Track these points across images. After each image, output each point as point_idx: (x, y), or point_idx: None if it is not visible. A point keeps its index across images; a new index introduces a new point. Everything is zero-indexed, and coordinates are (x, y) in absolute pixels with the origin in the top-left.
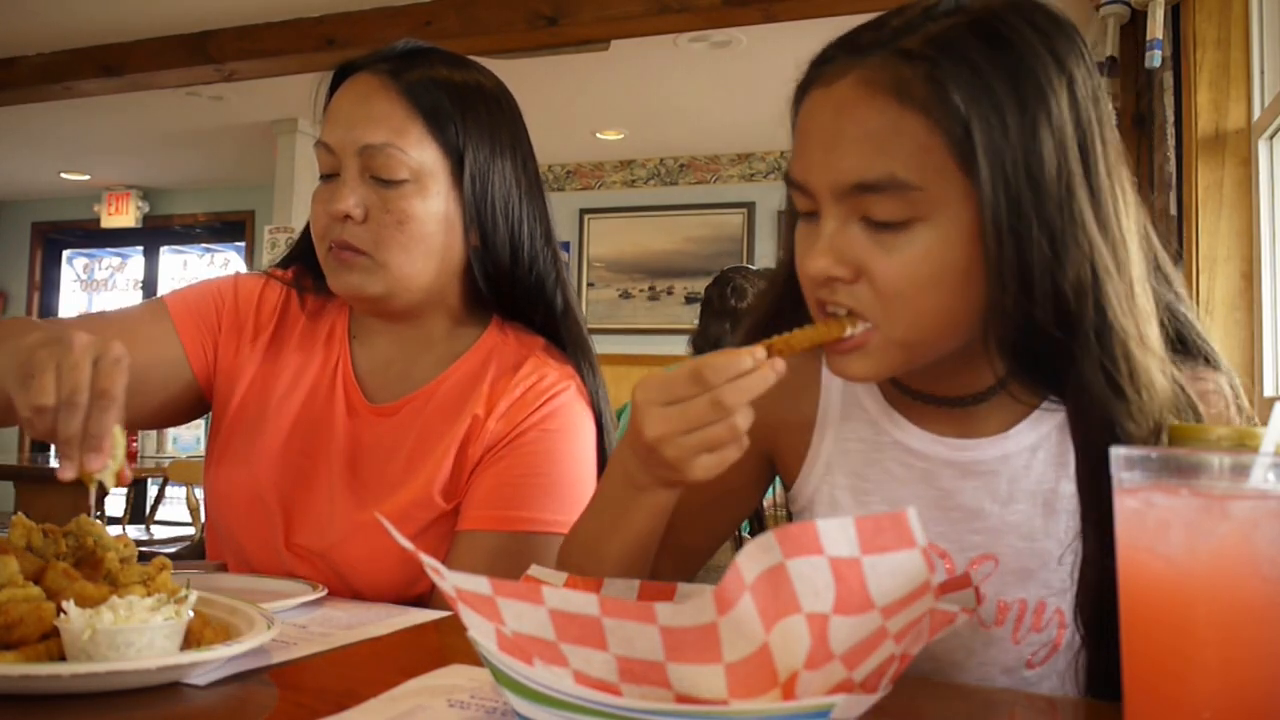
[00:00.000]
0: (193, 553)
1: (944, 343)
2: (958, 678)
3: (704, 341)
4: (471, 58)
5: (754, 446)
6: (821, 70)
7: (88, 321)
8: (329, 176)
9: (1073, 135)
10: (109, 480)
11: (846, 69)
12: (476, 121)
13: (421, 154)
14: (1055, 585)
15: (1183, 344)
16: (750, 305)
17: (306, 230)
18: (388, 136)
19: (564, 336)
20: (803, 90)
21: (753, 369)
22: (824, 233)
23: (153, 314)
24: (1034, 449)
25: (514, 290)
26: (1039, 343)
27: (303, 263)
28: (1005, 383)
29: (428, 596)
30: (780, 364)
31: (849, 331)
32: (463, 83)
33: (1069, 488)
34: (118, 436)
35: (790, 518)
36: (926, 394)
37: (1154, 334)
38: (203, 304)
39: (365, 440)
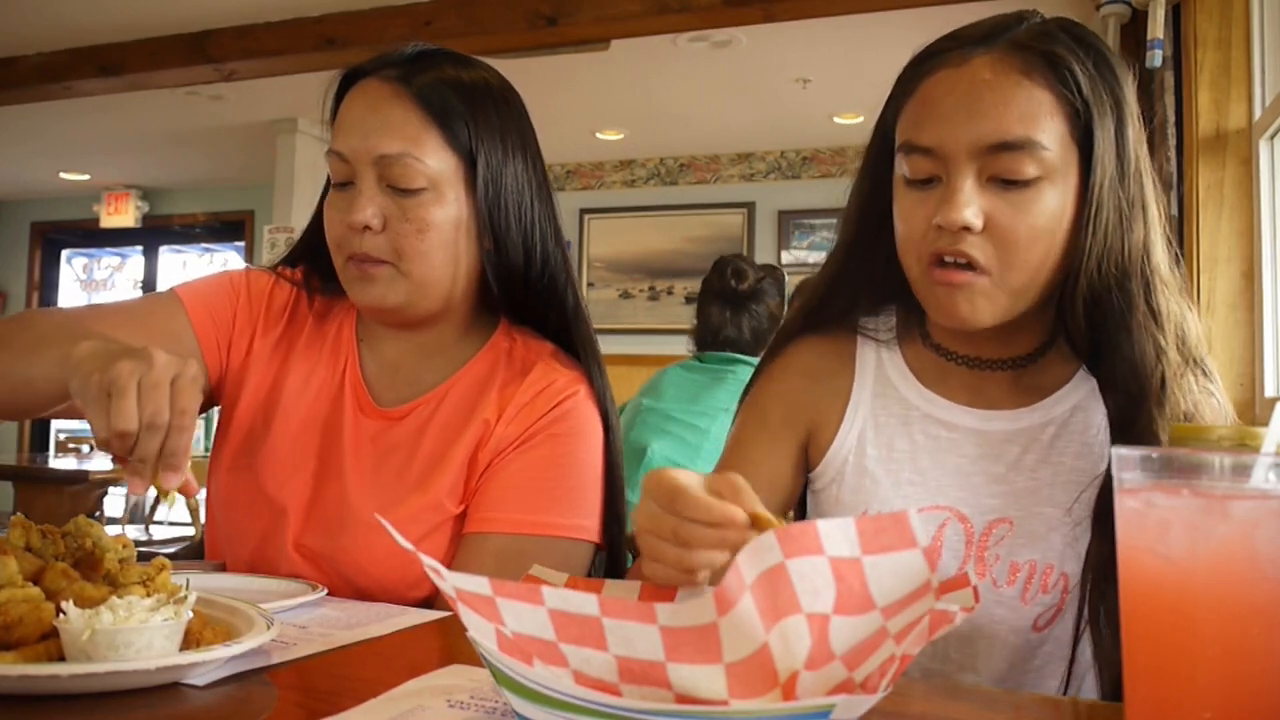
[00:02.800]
0: (192, 553)
1: (1036, 291)
2: (970, 640)
3: (706, 332)
4: (472, 56)
5: (794, 436)
6: (942, 57)
7: (98, 311)
8: (343, 185)
9: (1140, 127)
10: (175, 493)
11: (970, 54)
12: (487, 124)
13: (438, 161)
14: (1061, 550)
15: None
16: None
17: (310, 230)
18: (404, 146)
19: (575, 336)
20: (919, 75)
21: (723, 524)
22: (961, 187)
23: (166, 307)
24: (1051, 424)
25: (526, 292)
26: (1090, 305)
27: (308, 263)
28: (1053, 343)
29: (434, 598)
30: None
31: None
32: (471, 84)
33: (1078, 462)
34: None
35: (805, 501)
36: (979, 358)
37: (1176, 291)
38: (217, 299)
39: (374, 443)
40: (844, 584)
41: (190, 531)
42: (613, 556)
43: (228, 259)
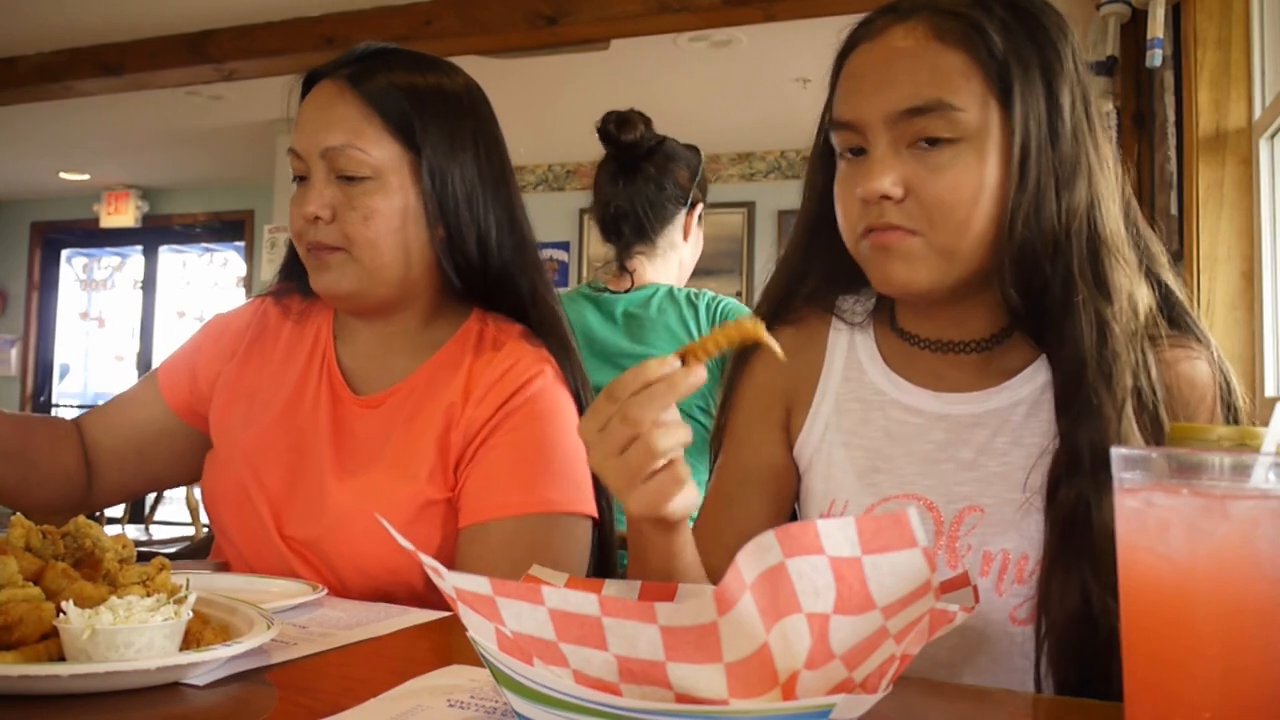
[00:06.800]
0: (192, 553)
1: (974, 255)
2: (946, 636)
3: (599, 207)
4: (439, 57)
5: (779, 417)
6: (866, 30)
7: (94, 412)
8: (301, 180)
9: (1079, 88)
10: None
11: (890, 25)
12: (435, 119)
13: (381, 151)
14: (1035, 537)
15: (1171, 320)
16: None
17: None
18: (347, 138)
19: (533, 320)
20: (846, 50)
21: (659, 378)
22: (878, 157)
23: (146, 382)
24: (1022, 404)
25: (485, 280)
26: (1036, 279)
27: (295, 266)
28: (1014, 327)
29: (423, 586)
30: (700, 372)
31: (763, 336)
32: (421, 84)
33: (1051, 443)
34: None
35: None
36: (941, 340)
37: (1134, 260)
38: (182, 359)
39: (352, 432)
40: (844, 583)
41: (190, 531)
42: (603, 535)
43: (228, 259)
